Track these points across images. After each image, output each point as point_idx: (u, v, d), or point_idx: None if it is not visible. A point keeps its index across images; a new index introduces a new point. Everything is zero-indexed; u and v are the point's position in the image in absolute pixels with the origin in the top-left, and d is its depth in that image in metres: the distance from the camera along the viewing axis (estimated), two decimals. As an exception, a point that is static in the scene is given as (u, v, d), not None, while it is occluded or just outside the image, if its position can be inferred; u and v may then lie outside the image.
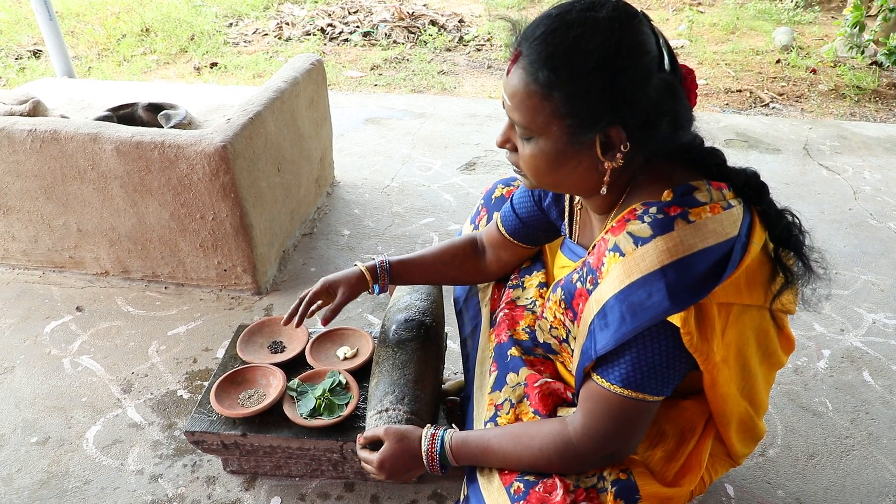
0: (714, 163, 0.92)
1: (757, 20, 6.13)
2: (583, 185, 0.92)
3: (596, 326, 0.88)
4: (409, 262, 1.33)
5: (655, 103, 0.82)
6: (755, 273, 0.89)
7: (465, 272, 1.32)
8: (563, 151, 0.86)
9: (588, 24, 0.80)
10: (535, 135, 0.87)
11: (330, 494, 1.42)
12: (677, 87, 0.85)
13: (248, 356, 1.48)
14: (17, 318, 1.98)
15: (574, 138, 0.84)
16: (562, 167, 0.88)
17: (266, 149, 2.02)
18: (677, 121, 0.86)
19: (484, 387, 1.20)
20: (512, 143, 0.93)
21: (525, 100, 0.84)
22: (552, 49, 0.81)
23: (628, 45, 0.80)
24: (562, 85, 0.81)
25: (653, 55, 0.82)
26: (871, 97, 4.39)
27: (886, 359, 1.84)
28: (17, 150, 1.89)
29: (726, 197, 0.87)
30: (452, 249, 1.32)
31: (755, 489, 1.45)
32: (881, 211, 2.66)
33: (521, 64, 0.84)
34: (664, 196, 0.87)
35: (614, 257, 0.85)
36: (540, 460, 0.95)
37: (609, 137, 0.84)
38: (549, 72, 0.81)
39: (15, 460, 1.51)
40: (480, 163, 3.04)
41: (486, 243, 1.30)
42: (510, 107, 0.87)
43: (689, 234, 0.82)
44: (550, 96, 0.82)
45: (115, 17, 5.73)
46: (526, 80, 0.83)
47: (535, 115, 0.84)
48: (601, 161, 0.86)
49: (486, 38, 5.57)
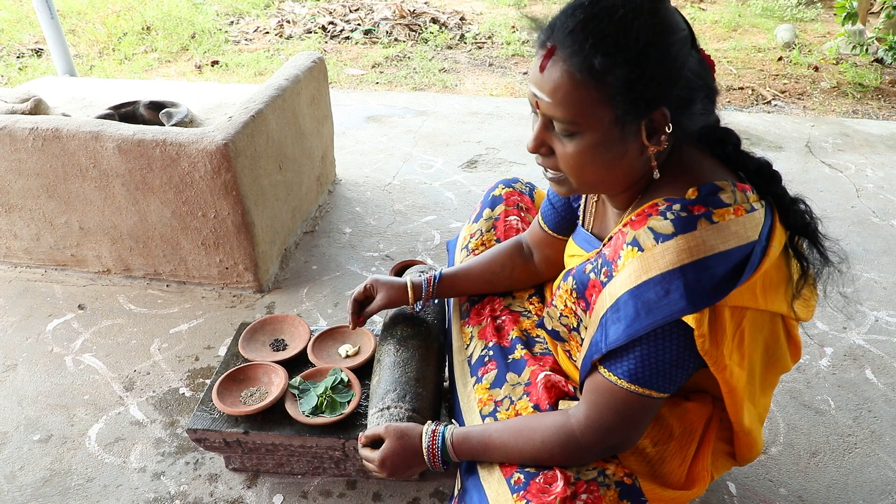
0: (730, 143, 0.92)
1: (759, 17, 6.12)
2: (628, 175, 0.89)
3: (608, 320, 0.87)
4: (455, 275, 1.33)
5: (691, 81, 0.83)
6: (771, 278, 0.88)
7: (516, 279, 1.31)
8: (609, 142, 0.84)
9: (628, 6, 0.79)
10: (582, 129, 0.83)
11: (332, 492, 1.42)
12: (704, 62, 0.86)
13: (249, 354, 1.48)
14: (20, 316, 1.98)
15: (623, 126, 0.82)
16: (608, 160, 0.86)
17: (267, 147, 2.02)
18: (710, 96, 0.86)
19: (465, 377, 1.21)
20: (547, 146, 0.89)
21: (571, 91, 0.81)
22: (600, 35, 0.79)
23: (669, 24, 0.81)
24: (618, 68, 0.79)
25: (685, 32, 0.83)
26: (874, 94, 4.37)
27: (889, 357, 1.84)
28: (18, 149, 1.90)
29: (749, 200, 0.86)
30: (501, 258, 1.31)
31: (757, 487, 1.45)
32: (884, 208, 2.66)
33: (561, 56, 0.81)
34: (689, 193, 0.85)
35: (632, 251, 0.84)
36: (542, 453, 0.95)
37: (653, 122, 0.83)
38: (602, 57, 0.78)
39: (17, 458, 1.52)
40: (482, 160, 3.04)
41: (532, 244, 1.29)
42: (551, 104, 0.83)
43: (711, 235, 0.81)
44: (604, 83, 0.80)
45: (116, 15, 5.73)
46: (571, 70, 0.80)
47: (584, 107, 0.81)
48: (647, 146, 0.84)
49: (487, 36, 5.57)
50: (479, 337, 1.24)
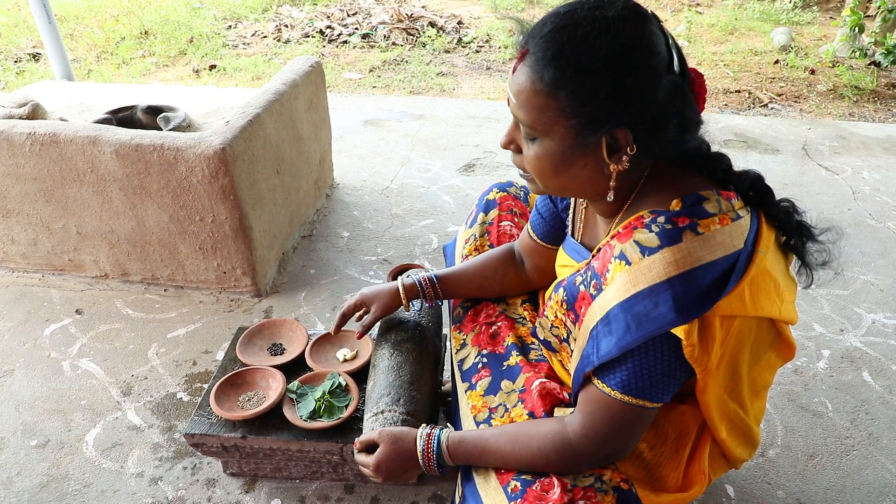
0: (720, 167, 0.91)
1: (755, 21, 6.14)
2: (588, 188, 0.91)
3: (599, 333, 0.87)
4: (448, 277, 1.32)
5: (663, 106, 0.81)
6: (759, 284, 0.88)
7: (507, 284, 1.31)
8: (567, 153, 0.85)
9: (596, 23, 0.79)
10: (540, 135, 0.85)
11: (330, 496, 1.42)
12: (686, 89, 0.84)
13: (247, 358, 1.48)
14: (17, 321, 1.98)
15: (579, 139, 0.83)
16: (567, 169, 0.87)
17: (265, 151, 2.03)
18: (685, 124, 0.84)
19: (458, 383, 1.21)
20: (516, 144, 0.91)
21: (530, 98, 0.83)
22: (559, 47, 0.79)
23: (637, 45, 0.79)
24: (567, 84, 0.79)
25: (662, 56, 0.81)
26: (870, 97, 4.39)
27: (886, 359, 1.84)
28: (16, 153, 1.89)
29: (735, 207, 0.86)
30: (493, 263, 1.31)
31: (755, 489, 1.45)
32: (880, 211, 2.66)
33: (528, 62, 0.83)
34: (673, 205, 0.85)
35: (620, 265, 0.84)
36: (538, 460, 0.95)
37: (615, 140, 0.83)
38: (554, 70, 0.80)
39: (15, 463, 1.51)
40: (480, 164, 3.04)
41: (523, 253, 1.30)
42: (515, 105, 0.85)
43: (697, 247, 0.81)
44: (556, 95, 0.81)
45: (114, 19, 5.73)
46: (532, 78, 0.82)
47: (540, 115, 0.83)
48: (607, 164, 0.85)
49: (484, 40, 5.58)
50: (472, 343, 1.24)
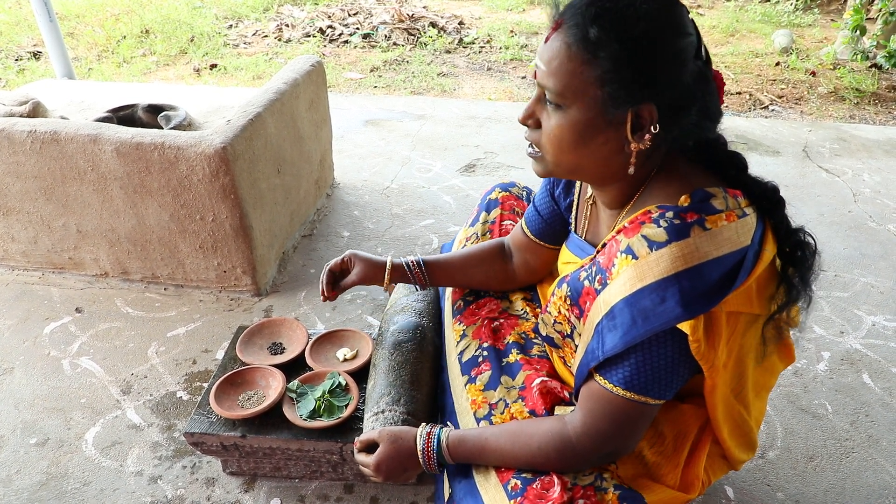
0: (734, 167, 0.92)
1: (756, 23, 6.15)
2: (603, 168, 0.90)
3: (604, 327, 0.87)
4: (436, 263, 1.32)
5: (688, 89, 0.82)
6: (766, 283, 0.88)
7: (492, 277, 1.31)
8: (591, 124, 0.85)
9: None
10: (568, 102, 0.85)
11: (329, 496, 1.42)
12: (710, 78, 0.85)
13: (247, 357, 1.48)
14: (17, 319, 1.98)
15: (608, 110, 0.83)
16: (588, 143, 0.86)
17: (266, 150, 2.03)
18: (706, 112, 0.86)
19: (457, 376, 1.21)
20: (536, 119, 0.91)
21: (564, 63, 0.83)
22: (600, 10, 0.80)
23: (674, 19, 0.81)
24: (610, 45, 0.80)
25: (692, 39, 0.83)
26: (871, 100, 4.39)
27: (886, 361, 1.84)
28: (16, 151, 1.89)
29: (741, 205, 0.87)
30: (480, 253, 1.31)
31: (755, 491, 1.45)
32: (880, 213, 2.66)
33: (564, 29, 0.83)
34: (681, 200, 0.86)
35: (626, 259, 0.84)
36: (538, 458, 0.95)
37: (640, 117, 0.83)
38: (598, 29, 0.80)
39: (14, 461, 1.51)
40: (480, 165, 3.04)
41: (513, 247, 1.30)
42: (545, 73, 0.85)
43: (704, 242, 0.82)
44: (595, 58, 0.81)
45: (114, 18, 5.74)
46: (569, 42, 0.82)
47: (572, 80, 0.83)
48: (629, 141, 0.85)
49: (485, 41, 5.58)
50: (472, 336, 1.24)
